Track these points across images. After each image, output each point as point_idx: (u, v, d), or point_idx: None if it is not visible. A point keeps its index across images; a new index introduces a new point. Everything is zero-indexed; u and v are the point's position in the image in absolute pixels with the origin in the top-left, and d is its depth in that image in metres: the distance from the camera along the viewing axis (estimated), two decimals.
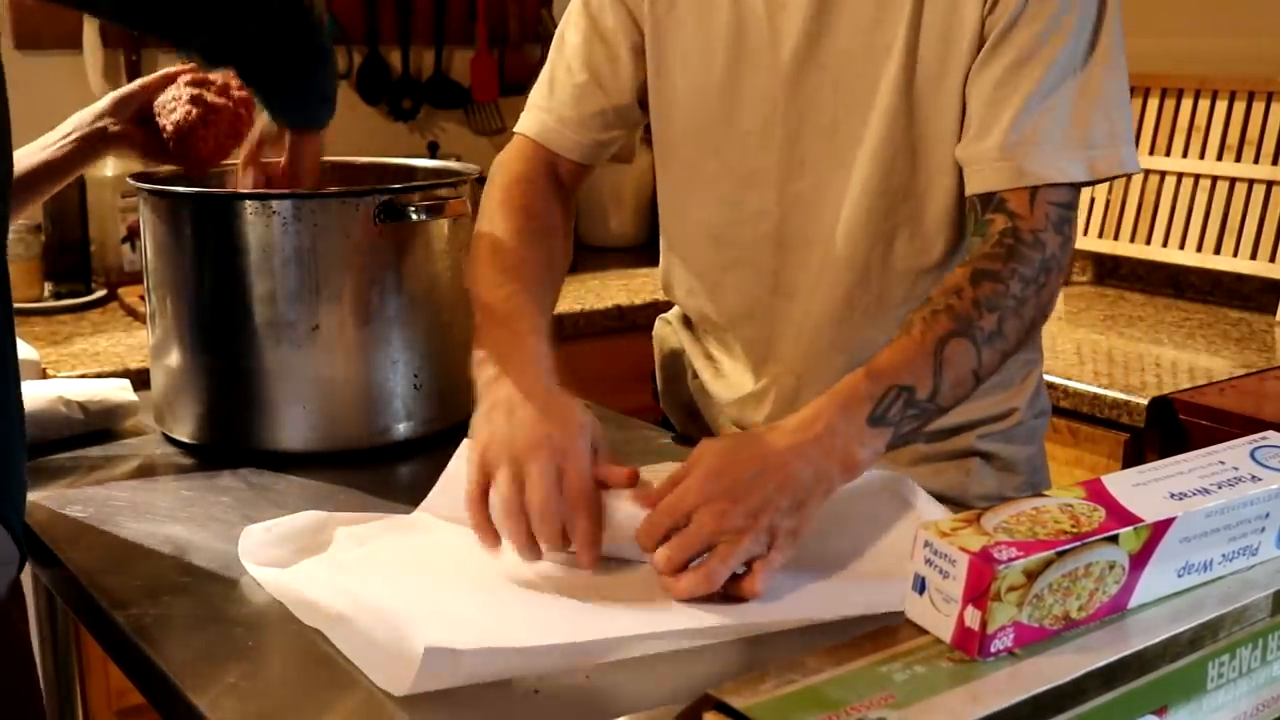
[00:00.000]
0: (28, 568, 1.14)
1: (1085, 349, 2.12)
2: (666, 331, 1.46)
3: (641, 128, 1.38)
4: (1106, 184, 2.49)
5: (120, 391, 1.40)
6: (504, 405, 1.04)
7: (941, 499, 1.20)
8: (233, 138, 1.38)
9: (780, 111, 1.20)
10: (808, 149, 1.20)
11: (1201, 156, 2.40)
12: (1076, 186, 1.13)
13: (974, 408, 1.25)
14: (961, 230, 1.21)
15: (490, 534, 1.01)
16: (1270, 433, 0.86)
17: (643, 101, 1.30)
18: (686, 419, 1.45)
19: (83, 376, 1.75)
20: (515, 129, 1.34)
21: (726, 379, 1.35)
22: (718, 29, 1.21)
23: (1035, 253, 1.09)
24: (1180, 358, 2.06)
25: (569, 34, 1.32)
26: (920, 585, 0.73)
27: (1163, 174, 2.44)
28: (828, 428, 0.98)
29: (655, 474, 1.01)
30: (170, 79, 1.40)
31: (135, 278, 2.27)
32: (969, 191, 1.15)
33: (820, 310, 1.24)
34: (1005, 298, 1.07)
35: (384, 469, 1.31)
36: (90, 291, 2.33)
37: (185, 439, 1.35)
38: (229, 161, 1.40)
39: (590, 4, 1.29)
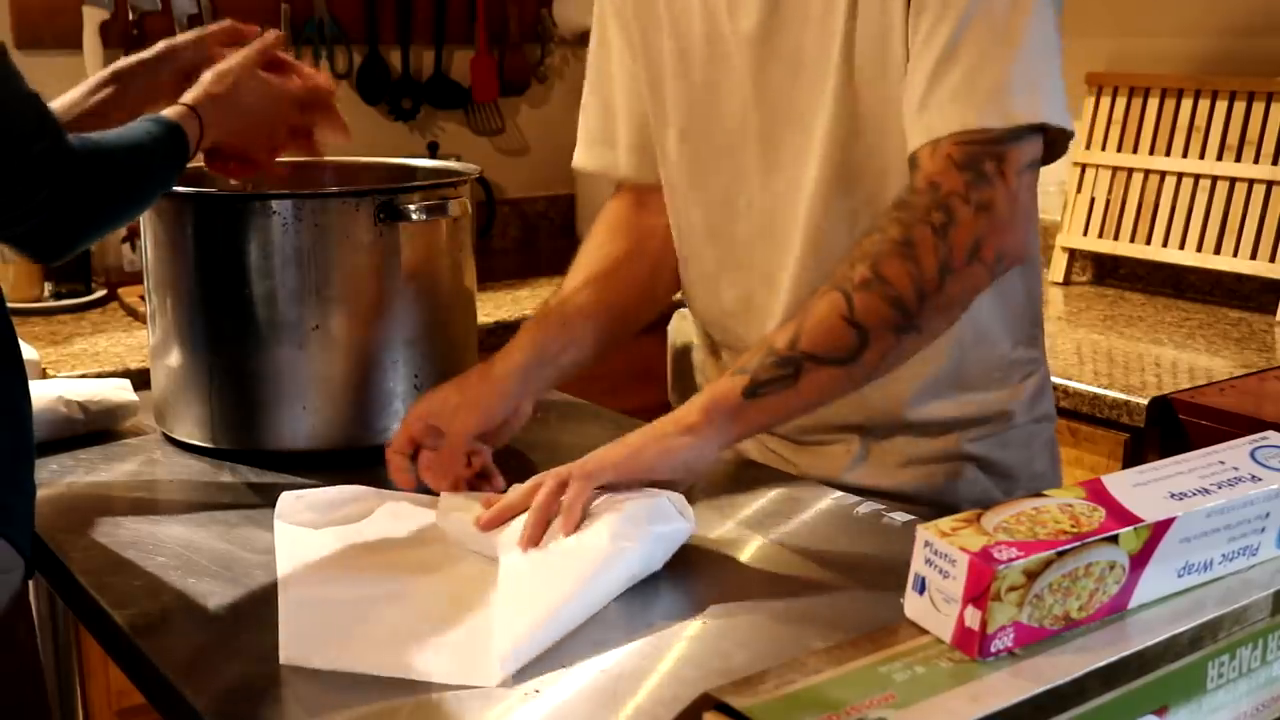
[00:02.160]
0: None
1: (1085, 349, 2.12)
2: (683, 326, 1.46)
3: None
4: (1106, 184, 2.50)
5: (120, 391, 1.40)
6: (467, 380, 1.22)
7: (931, 503, 1.20)
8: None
9: (752, 107, 1.21)
10: (781, 142, 1.21)
11: (1201, 156, 2.40)
12: (992, 132, 1.07)
13: (959, 406, 1.24)
14: None
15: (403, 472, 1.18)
16: (1270, 433, 0.86)
17: None
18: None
19: (83, 376, 1.75)
20: (593, 168, 1.39)
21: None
22: (692, 31, 1.23)
23: (923, 197, 1.06)
24: (1180, 358, 2.06)
25: (596, 61, 1.35)
26: (920, 585, 0.73)
27: (1163, 174, 2.44)
28: (692, 400, 1.07)
29: None
30: (231, 36, 1.37)
31: (135, 278, 2.27)
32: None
33: (786, 289, 1.23)
34: (880, 244, 1.05)
35: (384, 469, 1.31)
36: (90, 291, 2.33)
37: (185, 439, 1.35)
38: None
39: (607, 28, 1.33)
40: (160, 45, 1.36)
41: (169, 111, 1.23)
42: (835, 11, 1.14)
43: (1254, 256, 2.31)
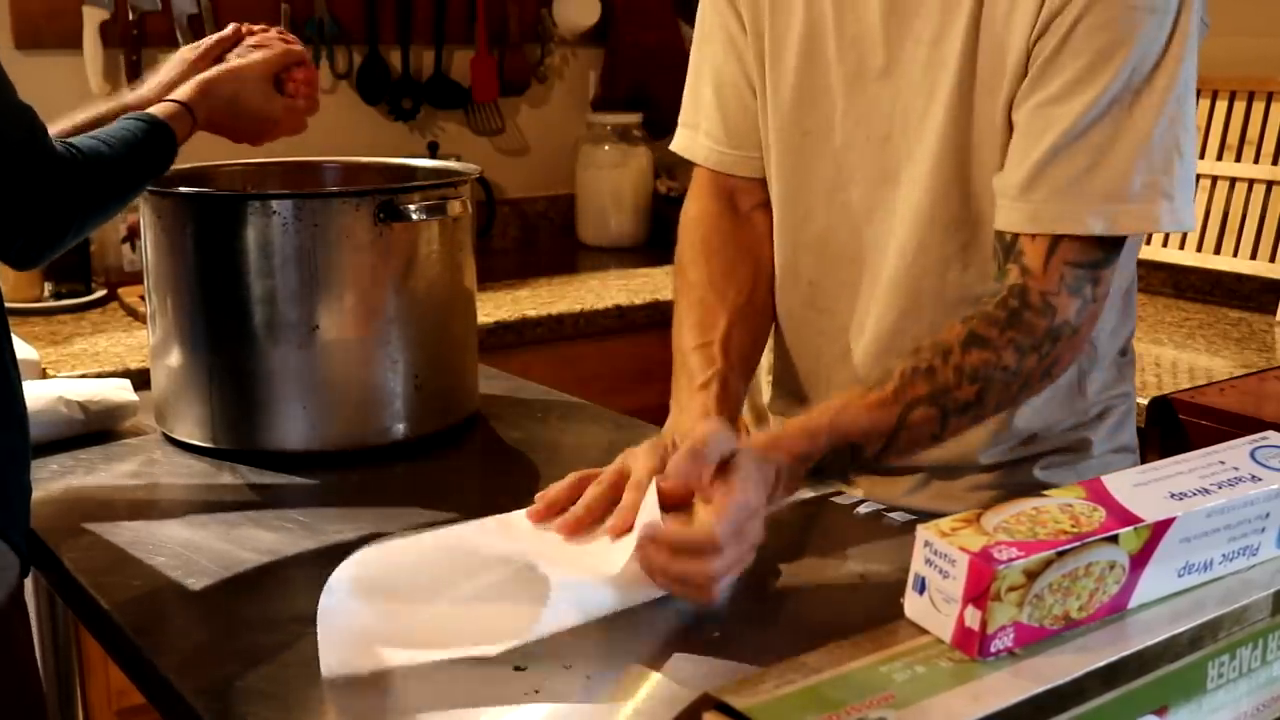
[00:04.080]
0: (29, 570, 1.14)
1: None
2: None
3: None
4: None
5: (120, 391, 1.40)
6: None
7: None
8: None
9: (837, 116, 1.16)
10: (860, 160, 1.16)
11: (1201, 156, 2.39)
12: (1102, 242, 1.04)
13: (1032, 446, 1.20)
14: None
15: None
16: (1270, 433, 0.86)
17: None
18: (756, 421, 1.42)
19: (83, 376, 1.75)
20: (691, 156, 1.31)
21: (784, 391, 1.33)
22: (791, 29, 1.18)
23: (1042, 320, 1.03)
24: (1180, 358, 2.06)
25: (706, 47, 1.28)
26: (920, 585, 0.73)
27: None
28: (778, 474, 0.98)
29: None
30: (238, 37, 1.40)
31: (135, 278, 2.26)
32: (995, 226, 1.09)
33: (869, 334, 1.20)
34: (994, 369, 1.03)
35: (384, 469, 1.31)
36: (90, 291, 2.33)
37: (185, 439, 1.35)
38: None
39: (720, 10, 1.25)
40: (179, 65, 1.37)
41: (159, 109, 1.23)
42: (949, 43, 1.09)
43: (1254, 256, 2.31)
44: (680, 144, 1.32)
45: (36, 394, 1.33)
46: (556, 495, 1.02)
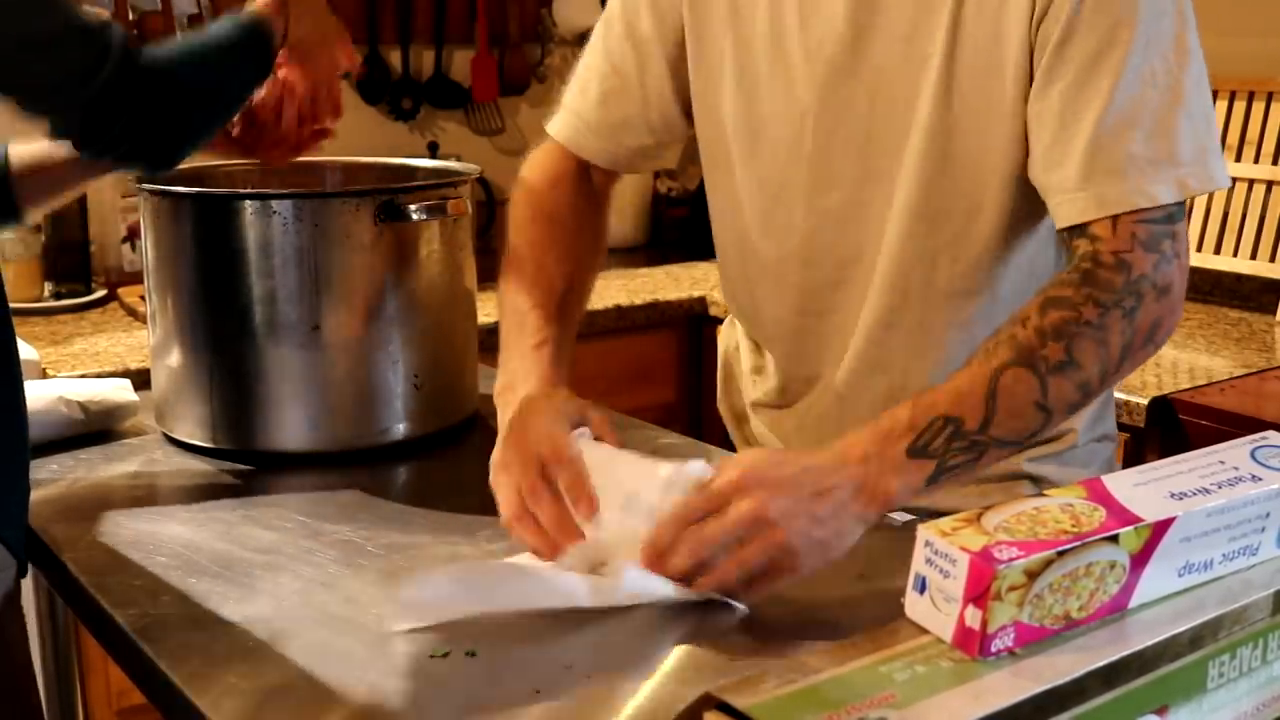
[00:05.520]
0: (29, 570, 1.14)
1: None
2: (729, 332, 1.44)
3: (686, 138, 1.33)
4: None
5: (120, 391, 1.40)
6: (515, 426, 1.07)
7: None
8: (310, 120, 1.35)
9: (811, 123, 1.16)
10: (839, 163, 1.16)
11: None
12: (1168, 206, 1.04)
13: None
14: (1011, 253, 1.15)
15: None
16: (1270, 433, 0.86)
17: (688, 111, 1.26)
18: (736, 423, 1.43)
19: (83, 376, 1.75)
20: (547, 128, 1.33)
21: (769, 389, 1.33)
22: (753, 37, 1.18)
23: (1117, 276, 1.01)
24: (1180, 358, 2.06)
25: (603, 36, 1.29)
26: (921, 585, 0.73)
27: None
28: (864, 456, 0.95)
29: (680, 472, 1.01)
30: None
31: (135, 278, 2.27)
32: (1056, 226, 1.07)
33: (859, 330, 1.20)
34: (1076, 324, 0.99)
35: (384, 469, 1.31)
36: (90, 291, 2.33)
37: (185, 439, 1.35)
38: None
39: (626, 7, 1.26)
40: None
41: (251, 9, 1.21)
42: (928, 37, 1.09)
43: (1254, 256, 2.31)
44: (553, 126, 1.33)
45: (37, 394, 1.33)
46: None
